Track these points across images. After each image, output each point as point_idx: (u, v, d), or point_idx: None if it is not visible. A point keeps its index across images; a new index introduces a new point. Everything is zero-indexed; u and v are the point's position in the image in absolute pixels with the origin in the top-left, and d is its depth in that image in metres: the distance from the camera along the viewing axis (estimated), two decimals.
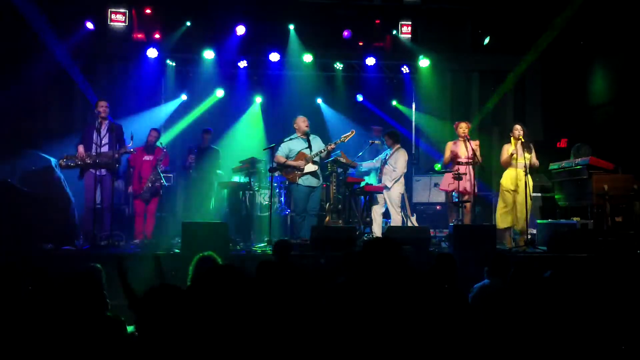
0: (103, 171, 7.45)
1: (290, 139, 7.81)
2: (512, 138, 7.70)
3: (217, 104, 10.72)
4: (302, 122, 7.77)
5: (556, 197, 8.67)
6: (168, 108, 10.52)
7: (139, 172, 7.98)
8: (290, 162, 7.68)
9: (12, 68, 8.89)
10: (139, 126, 8.63)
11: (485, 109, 10.52)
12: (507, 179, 7.75)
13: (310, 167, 7.63)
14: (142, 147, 8.08)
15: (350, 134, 7.73)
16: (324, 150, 7.62)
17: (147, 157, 8.01)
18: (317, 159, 7.69)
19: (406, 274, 2.90)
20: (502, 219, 7.74)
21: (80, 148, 7.44)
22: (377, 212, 8.47)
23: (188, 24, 9.72)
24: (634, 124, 8.64)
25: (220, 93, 10.70)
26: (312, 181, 7.67)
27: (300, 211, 7.76)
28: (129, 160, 8.15)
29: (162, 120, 10.33)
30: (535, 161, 7.68)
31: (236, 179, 9.29)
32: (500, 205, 7.82)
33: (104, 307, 3.44)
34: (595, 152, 8.39)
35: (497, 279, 4.63)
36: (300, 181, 7.66)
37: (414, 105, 10.97)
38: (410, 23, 9.97)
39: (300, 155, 7.70)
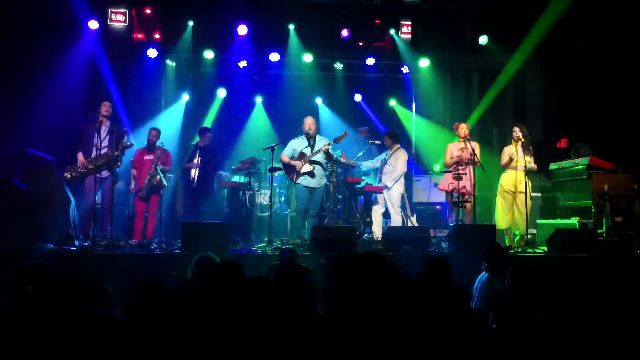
0: (104, 172, 7.48)
1: (294, 139, 7.89)
2: (512, 140, 7.71)
3: (217, 104, 10.72)
4: (305, 123, 7.83)
5: (556, 197, 8.68)
6: (168, 108, 10.51)
7: (140, 172, 8.02)
8: (291, 162, 7.73)
9: (12, 68, 8.89)
10: (140, 126, 8.64)
11: (481, 106, 10.48)
12: (507, 180, 7.75)
13: (306, 168, 7.66)
14: (144, 148, 8.12)
15: (343, 136, 7.79)
16: (319, 151, 7.65)
17: (147, 157, 8.04)
18: (318, 159, 7.70)
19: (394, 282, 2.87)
20: (501, 220, 7.75)
21: (80, 156, 7.47)
22: (377, 212, 8.47)
23: (191, 23, 9.69)
24: (634, 124, 8.64)
25: (222, 93, 10.69)
26: (310, 182, 7.69)
27: (301, 210, 7.79)
28: (131, 162, 8.17)
29: (163, 120, 10.32)
30: (533, 165, 7.67)
31: (236, 179, 9.29)
32: (499, 205, 7.82)
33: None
34: (595, 152, 8.39)
35: (496, 273, 4.62)
36: (299, 181, 7.71)
37: (413, 105, 10.96)
38: (410, 23, 9.96)
39: (301, 155, 7.75)
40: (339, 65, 10.64)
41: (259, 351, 2.69)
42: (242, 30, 9.73)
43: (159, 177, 7.87)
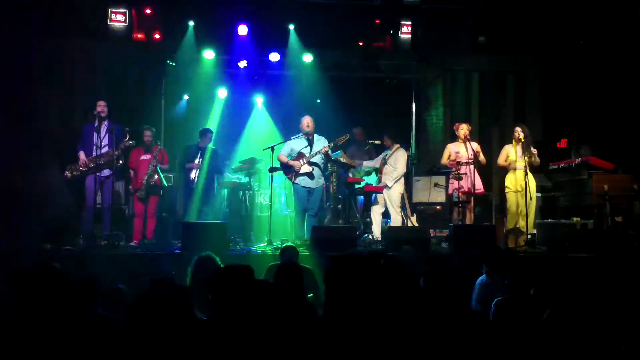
0: (105, 172, 7.48)
1: (292, 139, 7.86)
2: (513, 140, 7.71)
3: (217, 104, 10.71)
4: (303, 122, 7.80)
5: (556, 197, 8.67)
6: (168, 108, 10.50)
7: (138, 173, 8.02)
8: (289, 162, 7.71)
9: (12, 67, 8.89)
10: (139, 126, 8.61)
11: (481, 107, 10.46)
12: (510, 181, 7.76)
13: (305, 168, 7.65)
14: (140, 148, 8.12)
15: (343, 138, 7.77)
16: (319, 152, 7.64)
17: (144, 157, 8.04)
18: (316, 159, 7.70)
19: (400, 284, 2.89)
20: (511, 221, 7.73)
21: (82, 155, 7.47)
22: (376, 212, 8.47)
23: (191, 23, 9.68)
24: (634, 124, 8.64)
25: (222, 93, 10.68)
26: (308, 182, 7.68)
27: (300, 211, 7.78)
28: (128, 162, 8.18)
29: (163, 120, 10.32)
30: (534, 152, 7.65)
31: (236, 179, 9.29)
32: (508, 207, 7.81)
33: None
34: (595, 152, 8.39)
35: (496, 276, 4.62)
36: (297, 181, 7.70)
37: (413, 105, 10.96)
38: (410, 23, 9.95)
39: (299, 155, 7.74)
40: (339, 66, 10.63)
41: (258, 352, 2.69)
42: (243, 30, 9.73)
43: (157, 177, 7.86)
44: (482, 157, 7.84)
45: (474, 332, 2.96)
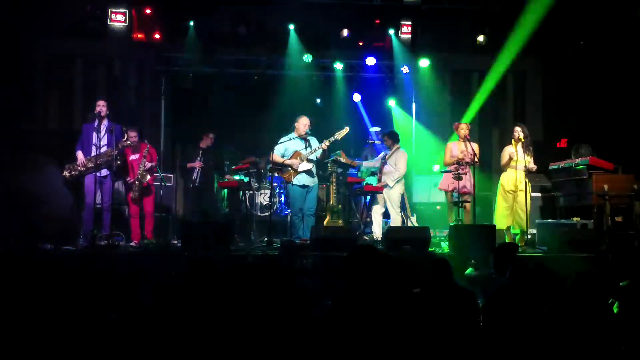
0: (103, 172, 7.47)
1: (289, 139, 7.83)
2: (512, 140, 7.70)
3: (218, 104, 10.71)
4: (302, 123, 7.76)
5: (556, 197, 8.68)
6: (168, 109, 10.48)
7: (131, 171, 8.01)
8: (286, 161, 7.69)
9: (12, 67, 8.90)
10: (139, 127, 8.60)
11: (480, 106, 10.45)
12: (507, 179, 7.74)
13: (304, 166, 7.63)
14: (129, 148, 8.06)
15: (344, 131, 7.73)
16: (319, 148, 7.62)
17: (133, 157, 8.00)
18: (312, 157, 7.69)
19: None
20: (501, 220, 7.73)
21: (80, 155, 7.45)
22: (377, 212, 8.46)
23: (191, 23, 9.69)
24: (634, 123, 8.64)
25: (222, 94, 10.66)
26: (306, 180, 7.66)
27: (297, 211, 7.76)
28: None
29: (163, 121, 10.31)
30: (532, 166, 7.67)
31: (236, 178, 9.30)
32: (499, 206, 7.81)
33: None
34: (595, 152, 8.39)
35: (503, 275, 4.60)
36: (294, 180, 7.67)
37: (413, 105, 10.95)
38: (410, 23, 9.96)
39: (295, 155, 7.70)
40: (339, 66, 10.64)
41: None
42: (243, 30, 9.73)
43: (149, 177, 7.82)
44: (476, 159, 7.82)
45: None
